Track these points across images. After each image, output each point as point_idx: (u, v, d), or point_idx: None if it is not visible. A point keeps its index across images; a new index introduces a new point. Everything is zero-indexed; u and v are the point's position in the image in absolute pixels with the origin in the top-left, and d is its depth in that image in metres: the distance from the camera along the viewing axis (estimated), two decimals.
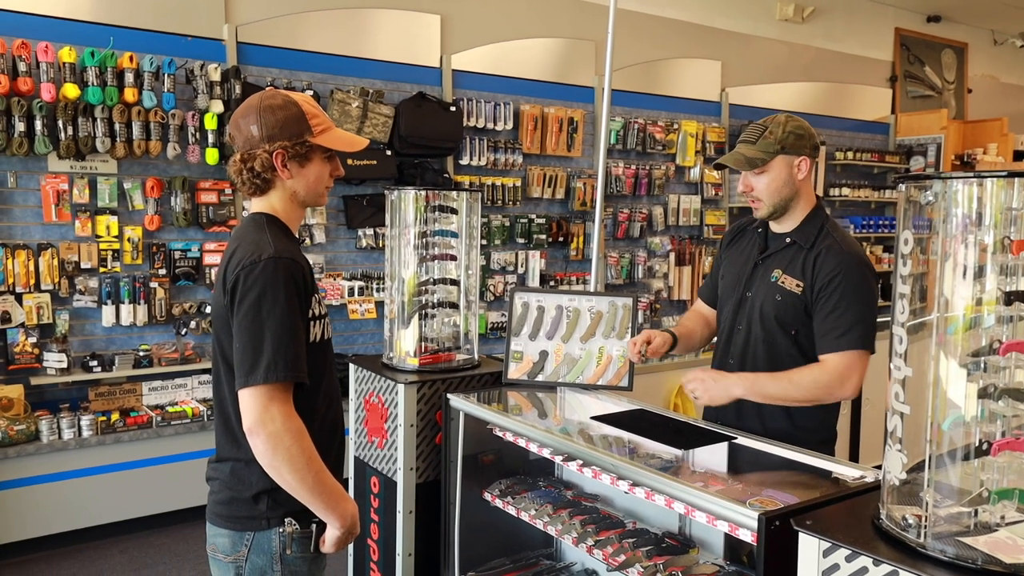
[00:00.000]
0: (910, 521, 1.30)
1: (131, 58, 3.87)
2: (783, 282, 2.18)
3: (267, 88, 1.81)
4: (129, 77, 3.86)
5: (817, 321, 2.12)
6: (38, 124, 3.68)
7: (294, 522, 1.66)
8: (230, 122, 1.75)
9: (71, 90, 3.71)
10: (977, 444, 1.27)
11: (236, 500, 1.68)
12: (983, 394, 1.27)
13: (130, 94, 3.85)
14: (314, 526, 1.69)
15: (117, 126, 3.83)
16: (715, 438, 2.04)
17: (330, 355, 1.80)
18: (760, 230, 2.31)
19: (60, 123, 3.72)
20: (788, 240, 2.22)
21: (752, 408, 2.21)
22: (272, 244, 1.62)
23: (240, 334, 1.57)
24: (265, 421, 1.53)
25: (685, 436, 2.07)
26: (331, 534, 1.67)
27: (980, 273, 1.26)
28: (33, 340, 3.79)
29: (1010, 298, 1.24)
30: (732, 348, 2.29)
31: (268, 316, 1.56)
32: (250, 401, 1.55)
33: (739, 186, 2.24)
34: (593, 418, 2.25)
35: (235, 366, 1.58)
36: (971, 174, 1.28)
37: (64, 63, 3.73)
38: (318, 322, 1.72)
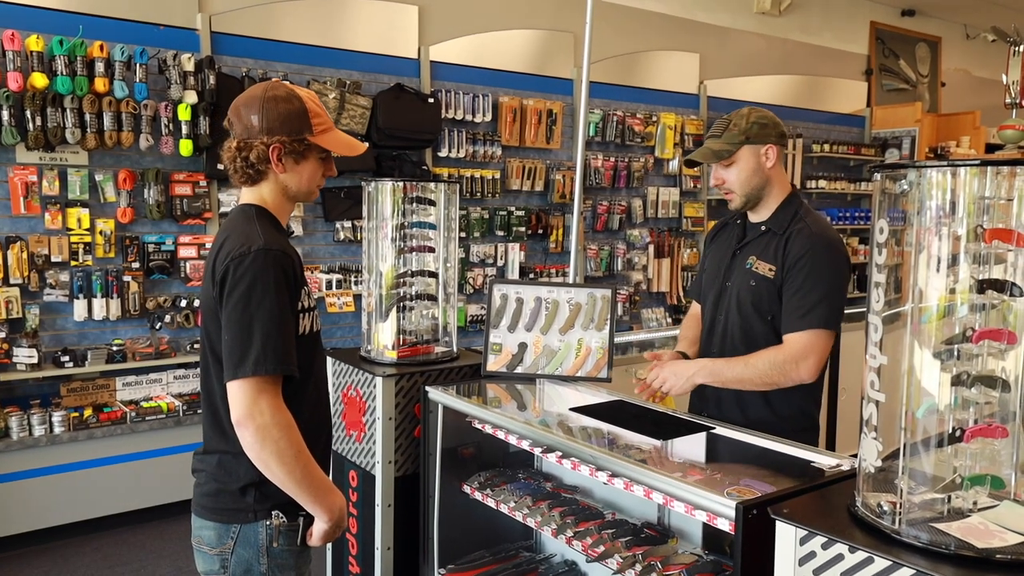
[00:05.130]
0: (885, 508, 1.31)
1: (101, 47, 3.79)
2: (756, 268, 2.20)
3: (273, 79, 1.80)
4: (100, 66, 3.78)
5: (783, 303, 2.14)
6: (5, 114, 3.60)
7: (281, 515, 1.66)
8: (231, 108, 1.72)
9: (39, 79, 3.63)
10: (950, 431, 1.28)
11: (223, 492, 1.67)
12: (956, 382, 1.28)
13: (101, 84, 3.78)
14: (301, 519, 1.68)
15: (88, 116, 3.76)
16: (693, 428, 2.04)
17: (319, 348, 1.79)
18: (739, 221, 2.34)
19: (28, 113, 3.64)
20: (763, 228, 2.24)
21: (732, 398, 2.22)
22: (262, 236, 1.61)
23: (229, 326, 1.56)
24: (254, 414, 1.53)
25: (664, 427, 2.07)
26: (319, 527, 1.66)
27: (954, 262, 1.28)
28: (2, 335, 3.72)
29: (983, 286, 1.26)
30: (714, 338, 2.31)
31: (257, 308, 1.55)
32: (239, 393, 1.54)
33: (712, 180, 2.28)
34: (572, 410, 2.25)
35: (224, 358, 1.57)
36: (944, 163, 1.29)
37: (32, 51, 3.65)
38: (307, 315, 1.71)
